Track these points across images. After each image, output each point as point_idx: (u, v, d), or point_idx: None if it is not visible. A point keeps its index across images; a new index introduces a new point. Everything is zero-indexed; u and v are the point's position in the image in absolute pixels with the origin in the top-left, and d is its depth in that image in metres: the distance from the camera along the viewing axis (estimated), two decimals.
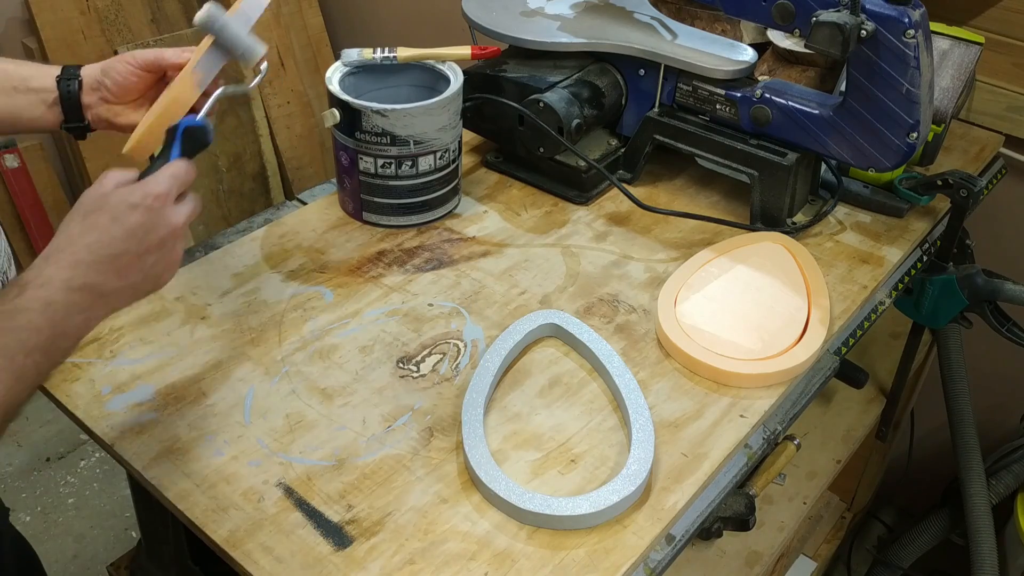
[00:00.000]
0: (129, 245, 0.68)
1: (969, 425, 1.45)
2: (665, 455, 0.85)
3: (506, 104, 1.15)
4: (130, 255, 0.69)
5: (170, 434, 0.84)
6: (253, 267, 1.05)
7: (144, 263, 0.70)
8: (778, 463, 1.05)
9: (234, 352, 0.94)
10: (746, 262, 1.06)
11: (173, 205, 0.72)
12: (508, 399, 0.90)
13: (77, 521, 1.98)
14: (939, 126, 1.23)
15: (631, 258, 1.10)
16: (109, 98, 0.90)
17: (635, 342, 0.98)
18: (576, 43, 1.17)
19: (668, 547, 0.79)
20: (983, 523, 1.46)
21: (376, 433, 0.86)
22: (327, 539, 0.76)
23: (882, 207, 1.20)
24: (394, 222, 1.13)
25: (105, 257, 0.68)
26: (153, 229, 0.70)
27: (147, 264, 0.70)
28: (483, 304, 1.02)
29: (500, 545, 0.76)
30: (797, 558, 1.62)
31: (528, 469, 0.83)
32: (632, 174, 1.22)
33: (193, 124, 0.77)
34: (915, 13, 0.96)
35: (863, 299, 1.06)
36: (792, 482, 1.48)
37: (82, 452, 2.12)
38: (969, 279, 1.26)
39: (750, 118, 1.11)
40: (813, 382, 0.97)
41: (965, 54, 1.27)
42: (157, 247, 0.70)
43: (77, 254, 0.67)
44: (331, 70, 1.10)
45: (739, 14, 1.08)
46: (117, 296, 0.69)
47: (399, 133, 1.05)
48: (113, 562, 1.30)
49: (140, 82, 0.90)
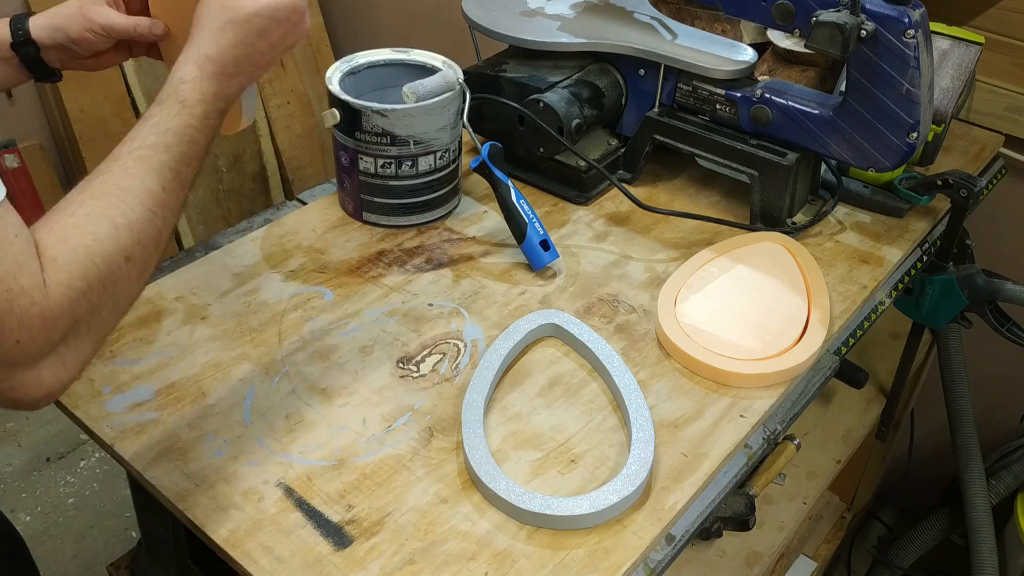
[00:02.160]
0: (269, 54, 0.77)
1: (969, 425, 1.45)
2: (665, 455, 0.85)
3: (506, 104, 1.15)
4: (268, 60, 0.77)
5: (170, 434, 0.84)
6: (253, 267, 1.05)
7: (276, 61, 0.79)
8: (778, 463, 1.05)
9: (234, 352, 0.94)
10: (746, 262, 1.06)
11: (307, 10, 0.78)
12: (508, 399, 0.90)
13: (77, 521, 1.98)
14: (939, 126, 1.23)
15: (631, 258, 1.10)
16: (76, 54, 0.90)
17: (635, 342, 0.98)
18: (576, 43, 1.17)
19: (668, 547, 0.80)
20: (983, 523, 1.46)
21: (376, 433, 0.86)
22: (327, 539, 0.76)
23: (882, 207, 1.20)
24: (394, 222, 1.13)
25: (247, 67, 0.75)
26: (292, 36, 0.77)
27: (277, 61, 0.80)
28: (483, 304, 1.02)
29: (500, 545, 0.76)
30: (797, 558, 1.62)
31: (528, 469, 0.83)
32: (632, 174, 1.22)
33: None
34: (915, 13, 0.96)
35: (863, 299, 1.06)
36: (792, 482, 1.48)
37: (82, 452, 2.12)
38: (969, 279, 1.26)
39: (750, 118, 1.11)
40: (813, 382, 0.97)
41: (965, 54, 1.27)
42: (290, 47, 0.79)
43: (225, 67, 0.73)
44: (331, 70, 1.10)
45: (739, 14, 1.08)
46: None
47: (399, 133, 1.05)
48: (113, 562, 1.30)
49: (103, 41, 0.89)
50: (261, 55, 0.76)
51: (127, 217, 0.65)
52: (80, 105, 2.00)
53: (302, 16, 0.77)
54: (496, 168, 1.06)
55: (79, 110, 2.00)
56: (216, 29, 0.73)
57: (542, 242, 1.05)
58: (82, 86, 1.99)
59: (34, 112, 2.07)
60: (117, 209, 0.65)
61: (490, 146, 1.07)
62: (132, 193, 0.66)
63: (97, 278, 0.62)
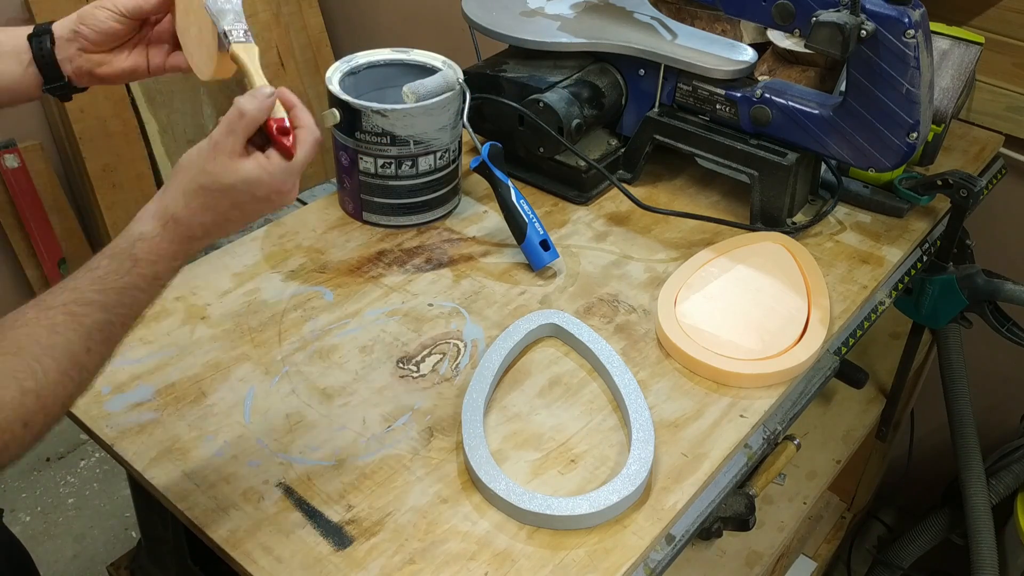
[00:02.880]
0: (241, 222, 0.72)
1: (969, 425, 1.45)
2: (665, 455, 0.85)
3: (506, 104, 1.15)
4: (239, 226, 0.72)
5: (170, 434, 0.84)
6: (253, 267, 1.05)
7: (249, 222, 0.74)
8: (778, 463, 1.05)
9: (234, 352, 0.94)
10: (746, 262, 1.06)
11: (294, 188, 0.73)
12: (508, 399, 0.90)
13: (77, 521, 1.98)
14: (939, 126, 1.23)
15: (631, 258, 1.10)
16: (89, 47, 0.86)
17: (635, 342, 0.98)
18: (576, 43, 1.17)
19: (668, 547, 0.80)
20: (983, 523, 1.46)
21: (376, 433, 0.86)
22: (327, 539, 0.76)
23: (882, 207, 1.20)
24: (394, 222, 1.13)
25: (216, 232, 0.71)
26: (270, 208, 0.73)
27: (252, 221, 0.74)
28: (483, 304, 1.02)
29: (500, 545, 0.76)
30: (797, 558, 1.62)
31: (528, 469, 0.83)
32: (632, 174, 1.22)
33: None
34: (915, 13, 0.96)
35: (863, 299, 1.06)
36: (792, 482, 1.48)
37: (82, 452, 2.12)
38: (969, 279, 1.26)
39: (750, 118, 1.11)
40: (813, 382, 0.97)
41: (965, 54, 1.27)
42: (263, 215, 0.74)
43: (192, 230, 0.69)
44: (331, 70, 1.11)
45: (739, 14, 1.08)
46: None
47: (399, 133, 1.05)
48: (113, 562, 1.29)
49: (123, 28, 0.85)
50: (232, 223, 0.71)
51: (38, 381, 0.60)
52: (80, 105, 2.00)
53: (284, 196, 0.71)
54: (496, 168, 1.06)
55: (79, 110, 2.00)
56: (189, 191, 0.68)
57: (542, 242, 1.05)
58: None
59: (34, 112, 2.07)
60: (30, 371, 0.60)
61: (490, 146, 1.07)
62: (51, 354, 0.61)
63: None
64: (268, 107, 0.70)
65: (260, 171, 0.69)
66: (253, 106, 0.69)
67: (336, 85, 1.08)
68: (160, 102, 2.12)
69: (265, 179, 0.69)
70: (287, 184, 0.71)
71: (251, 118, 0.69)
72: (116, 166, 2.09)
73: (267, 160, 0.70)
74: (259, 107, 0.69)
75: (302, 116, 0.72)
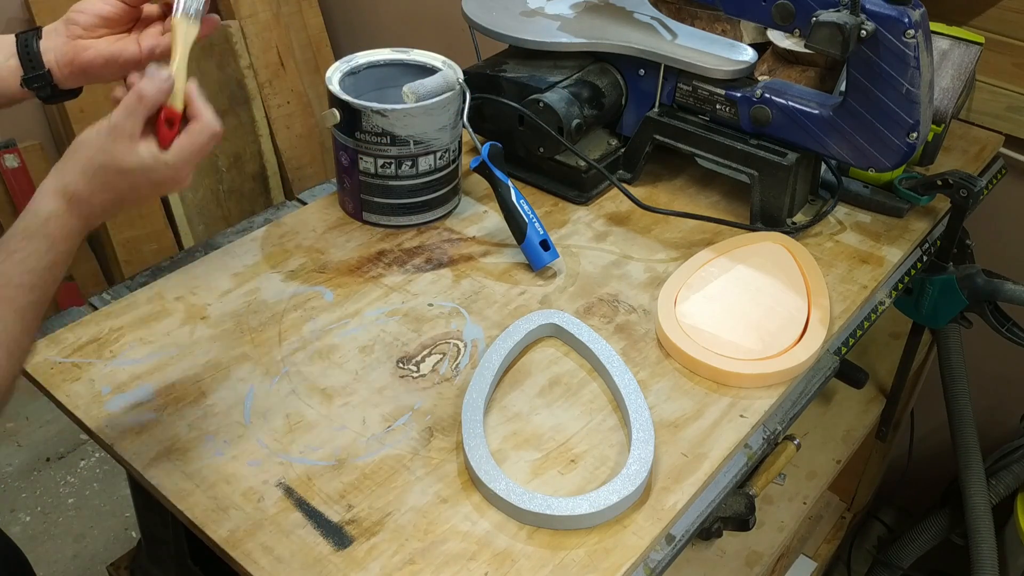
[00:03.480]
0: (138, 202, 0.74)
1: (969, 425, 1.45)
2: (665, 455, 0.85)
3: (506, 104, 1.15)
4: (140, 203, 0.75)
5: (170, 434, 0.84)
6: (253, 267, 1.05)
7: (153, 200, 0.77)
8: (778, 463, 1.05)
9: (234, 352, 0.94)
10: (746, 262, 1.06)
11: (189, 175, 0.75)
12: (508, 399, 0.90)
13: (77, 521, 1.98)
14: (939, 126, 1.23)
15: (631, 258, 1.10)
16: (77, 32, 0.85)
17: (635, 342, 0.98)
18: (576, 43, 1.17)
19: (668, 547, 0.80)
20: (983, 523, 1.46)
21: (376, 433, 0.86)
22: (327, 539, 0.76)
23: (882, 207, 1.20)
24: (394, 222, 1.13)
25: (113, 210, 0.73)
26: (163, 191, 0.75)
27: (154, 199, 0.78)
28: (483, 304, 1.02)
29: (500, 545, 0.76)
30: (797, 558, 1.62)
31: (528, 469, 0.83)
32: (632, 174, 1.22)
33: None
34: (915, 13, 0.96)
35: (863, 299, 1.06)
36: (792, 482, 1.48)
37: (82, 452, 2.12)
38: (969, 279, 1.26)
39: (750, 118, 1.11)
40: (813, 382, 0.97)
41: (965, 54, 1.27)
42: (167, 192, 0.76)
43: (92, 207, 0.71)
44: (331, 70, 1.10)
45: (739, 14, 1.08)
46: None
47: (399, 133, 1.05)
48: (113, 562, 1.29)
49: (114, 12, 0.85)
50: (131, 203, 0.74)
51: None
52: (80, 105, 2.00)
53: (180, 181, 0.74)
54: (496, 168, 1.06)
55: (79, 110, 2.00)
56: (89, 170, 0.71)
57: (542, 242, 1.05)
58: None
59: (34, 112, 2.07)
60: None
61: (490, 146, 1.07)
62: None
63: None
64: (165, 91, 0.72)
65: (155, 161, 0.71)
66: (151, 89, 0.71)
67: (336, 85, 1.08)
68: None
69: (161, 169, 0.71)
70: (181, 173, 0.73)
71: (149, 101, 0.71)
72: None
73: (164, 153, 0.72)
74: (157, 89, 0.71)
75: (200, 108, 0.74)
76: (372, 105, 1.03)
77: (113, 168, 0.70)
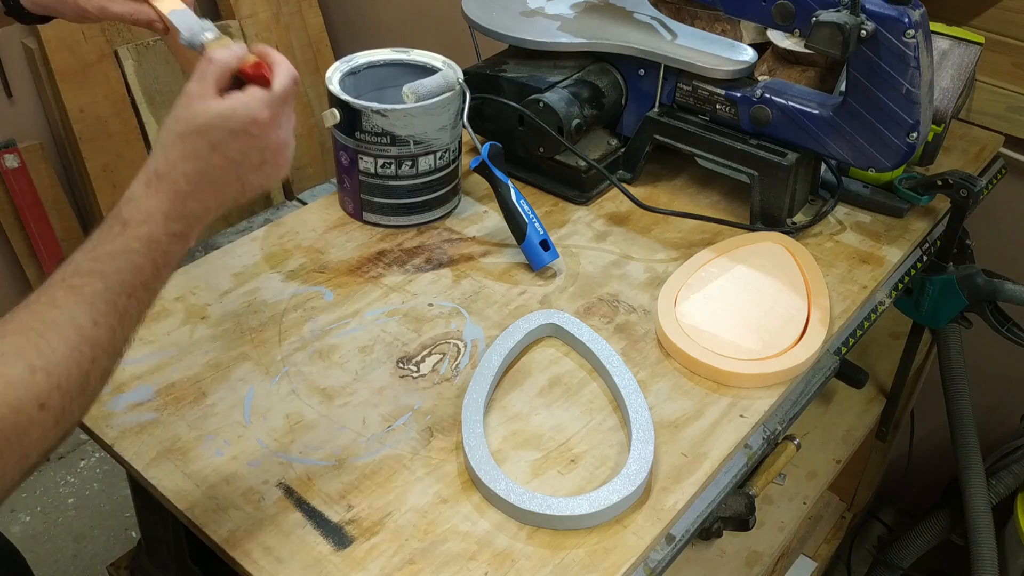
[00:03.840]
0: (229, 171, 0.67)
1: (969, 425, 1.45)
2: (665, 455, 0.85)
3: (506, 104, 1.15)
4: (230, 178, 0.67)
5: (170, 434, 0.84)
6: (253, 267, 1.05)
7: (247, 181, 0.68)
8: (778, 463, 1.05)
9: (234, 352, 0.94)
10: (746, 262, 1.06)
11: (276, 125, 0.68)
12: (508, 399, 0.90)
13: (77, 521, 1.98)
14: (939, 126, 1.23)
15: (631, 258, 1.10)
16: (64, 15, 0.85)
17: (635, 342, 0.98)
18: (576, 43, 1.17)
19: (668, 547, 0.80)
20: (983, 523, 1.46)
21: (376, 433, 0.86)
22: (327, 539, 0.76)
23: (882, 207, 1.20)
24: (394, 222, 1.13)
25: (205, 184, 0.66)
26: (256, 152, 0.68)
27: (250, 181, 0.68)
28: (483, 304, 1.02)
29: (500, 545, 0.76)
30: (797, 558, 1.62)
31: (528, 469, 0.83)
32: (632, 174, 1.22)
33: None
34: (915, 13, 0.96)
35: (863, 299, 1.06)
36: (792, 482, 1.48)
37: (82, 452, 2.12)
38: (969, 279, 1.26)
39: (750, 118, 1.11)
40: (813, 382, 0.97)
41: (965, 54, 1.27)
42: (259, 166, 0.68)
43: (176, 183, 0.65)
44: (331, 70, 1.11)
45: (739, 14, 1.08)
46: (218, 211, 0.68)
47: (399, 133, 1.05)
48: (113, 562, 1.30)
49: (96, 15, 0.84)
50: (220, 171, 0.66)
51: (46, 358, 0.58)
52: (80, 105, 2.00)
53: (264, 128, 0.67)
54: (496, 168, 1.06)
55: (79, 110, 2.00)
56: (167, 142, 0.65)
57: (542, 242, 1.05)
58: (82, 86, 1.99)
59: (34, 112, 2.07)
60: (36, 348, 0.57)
61: (490, 146, 1.07)
62: (56, 329, 0.59)
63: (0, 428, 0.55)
64: (239, 54, 0.68)
65: (234, 103, 0.66)
66: (223, 53, 0.67)
67: (336, 85, 1.08)
68: (160, 102, 2.12)
69: (240, 109, 0.65)
70: (263, 113, 0.66)
71: (220, 63, 0.67)
72: (116, 166, 2.09)
73: (240, 92, 0.66)
74: (229, 53, 0.67)
75: (275, 55, 0.69)
76: (372, 105, 1.03)
77: (190, 131, 0.65)
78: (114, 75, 2.04)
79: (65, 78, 1.96)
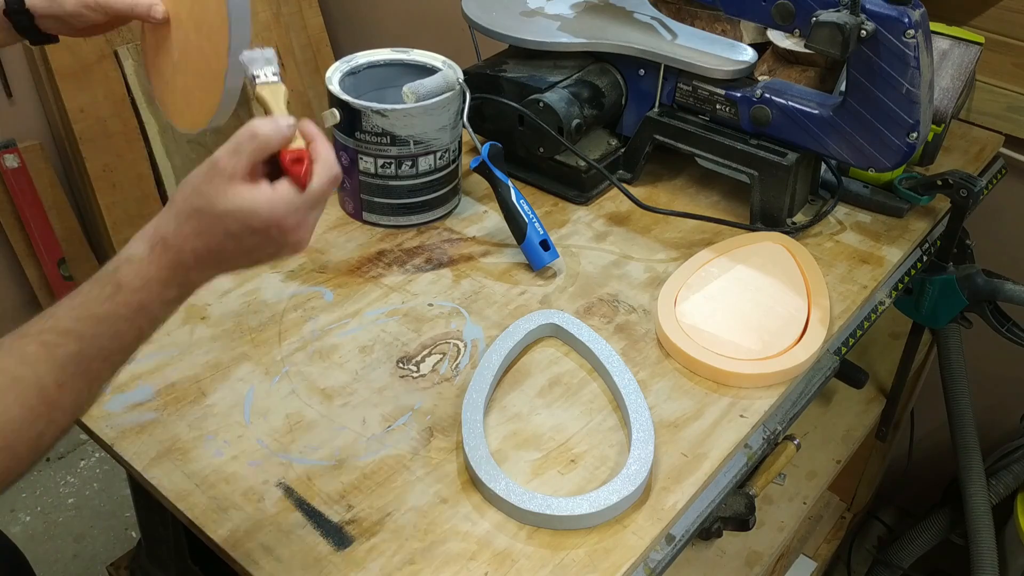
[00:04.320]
0: (240, 257, 0.63)
1: (969, 425, 1.45)
2: (665, 455, 0.85)
3: (506, 104, 1.15)
4: (240, 262, 0.64)
5: (170, 434, 0.84)
6: None
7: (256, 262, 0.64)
8: (778, 463, 1.05)
9: (234, 352, 0.94)
10: (746, 262, 1.06)
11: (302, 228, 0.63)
12: (508, 399, 0.90)
13: (77, 521, 1.98)
14: (939, 126, 1.23)
15: (631, 258, 1.10)
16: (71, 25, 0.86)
17: (635, 342, 0.98)
18: (576, 43, 1.17)
19: (668, 547, 0.80)
20: (983, 523, 1.46)
21: (376, 433, 0.86)
22: (327, 539, 0.76)
23: (882, 207, 1.20)
24: (394, 222, 1.13)
25: (212, 262, 0.62)
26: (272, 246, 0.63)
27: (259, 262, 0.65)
28: (483, 304, 1.02)
29: (500, 545, 0.76)
30: (797, 558, 1.62)
31: (528, 469, 0.83)
32: (632, 174, 1.22)
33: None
34: (915, 13, 0.96)
35: (863, 299, 1.06)
36: (792, 482, 1.48)
37: (82, 452, 2.12)
38: (969, 279, 1.26)
39: (750, 118, 1.11)
40: (813, 382, 0.97)
41: (965, 54, 1.27)
42: (272, 255, 0.64)
43: (182, 254, 0.61)
44: (331, 70, 1.11)
45: (739, 14, 1.08)
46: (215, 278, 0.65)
47: (399, 133, 1.05)
48: (113, 562, 1.30)
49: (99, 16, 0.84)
50: (231, 255, 0.62)
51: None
52: (80, 105, 2.00)
53: (286, 232, 0.61)
54: (496, 168, 1.06)
55: (79, 110, 2.00)
56: (183, 213, 0.61)
57: (542, 242, 1.05)
58: (82, 86, 1.99)
59: (34, 112, 2.07)
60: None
61: (490, 146, 1.07)
62: (17, 387, 0.56)
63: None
64: (286, 135, 0.62)
65: (260, 200, 0.60)
66: (268, 129, 0.61)
67: (336, 85, 1.08)
68: None
69: (265, 210, 0.60)
70: (291, 219, 0.61)
71: (263, 141, 0.61)
72: (116, 166, 2.09)
73: (272, 190, 0.61)
74: (275, 131, 0.61)
75: (321, 149, 0.64)
76: (372, 105, 1.03)
77: (208, 212, 0.60)
78: (114, 75, 2.04)
79: (65, 78, 1.96)
